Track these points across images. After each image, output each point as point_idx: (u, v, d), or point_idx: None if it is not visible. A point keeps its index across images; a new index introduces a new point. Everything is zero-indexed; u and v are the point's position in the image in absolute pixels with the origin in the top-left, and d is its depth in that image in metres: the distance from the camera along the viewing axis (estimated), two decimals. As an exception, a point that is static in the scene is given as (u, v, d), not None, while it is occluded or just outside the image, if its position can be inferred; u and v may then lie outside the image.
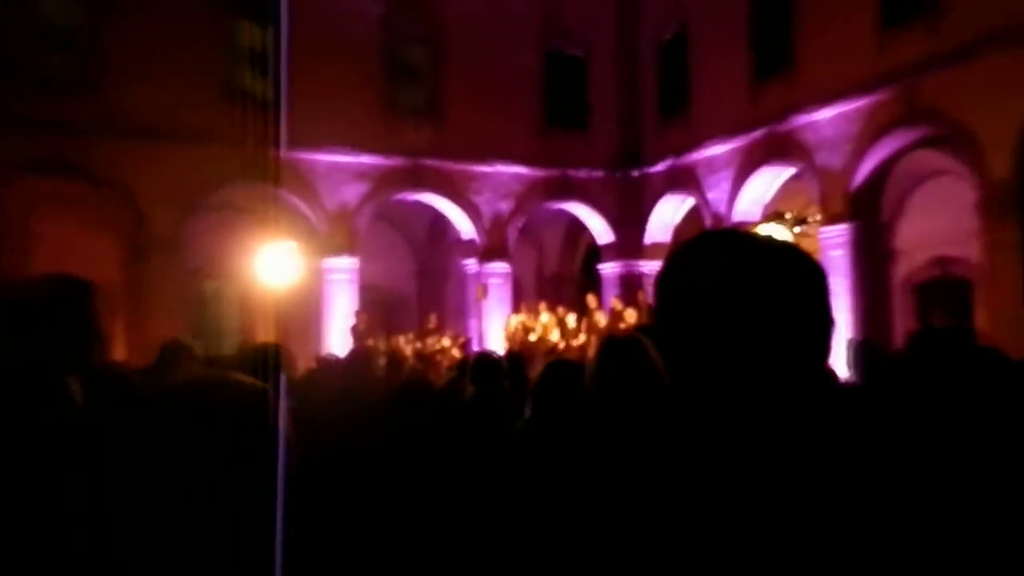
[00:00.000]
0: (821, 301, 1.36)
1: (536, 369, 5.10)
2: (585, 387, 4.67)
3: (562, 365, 4.38)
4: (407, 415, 4.66)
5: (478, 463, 4.12)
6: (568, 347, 17.24)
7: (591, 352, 14.79)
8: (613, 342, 3.67)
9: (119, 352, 16.65)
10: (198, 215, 19.51)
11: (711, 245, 1.43)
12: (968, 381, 3.20)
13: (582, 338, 17.70)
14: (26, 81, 16.04)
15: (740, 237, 1.44)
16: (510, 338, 18.59)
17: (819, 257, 17.42)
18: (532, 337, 18.17)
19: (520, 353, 11.34)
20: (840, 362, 10.58)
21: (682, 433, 1.40)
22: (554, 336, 18.05)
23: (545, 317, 18.68)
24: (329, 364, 10.34)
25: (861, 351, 7.26)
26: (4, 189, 12.45)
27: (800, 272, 1.37)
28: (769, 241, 1.43)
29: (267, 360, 4.27)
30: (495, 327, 20.54)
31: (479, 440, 4.29)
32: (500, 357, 6.38)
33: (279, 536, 1.56)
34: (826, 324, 1.36)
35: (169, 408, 1.65)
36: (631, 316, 17.39)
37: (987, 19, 14.32)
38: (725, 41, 20.15)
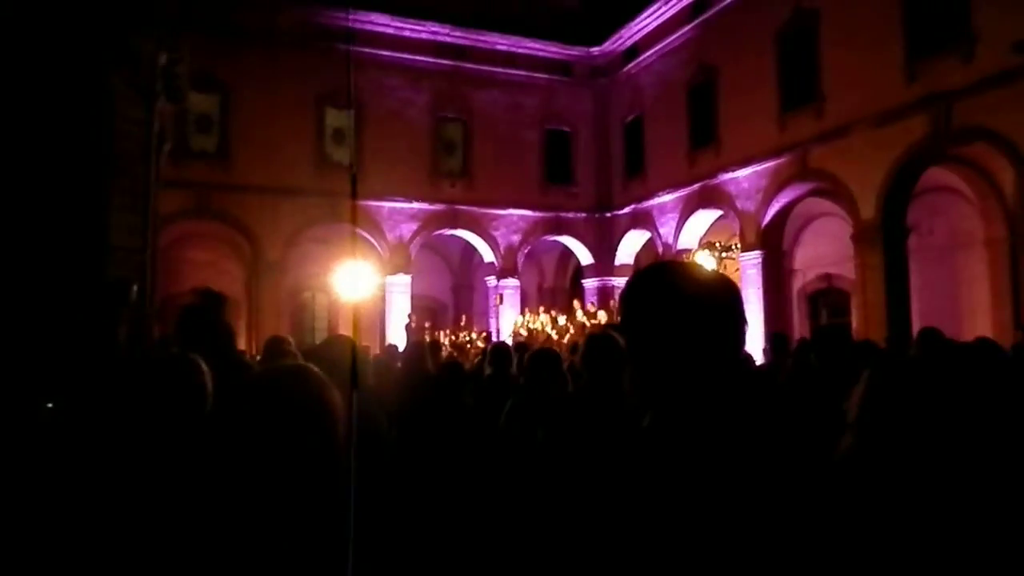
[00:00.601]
0: (736, 308, 1.37)
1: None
2: (573, 366, 4.67)
3: (542, 352, 4.50)
4: (447, 385, 4.66)
5: (494, 414, 4.19)
6: (560, 337, 17.15)
7: (576, 342, 14.77)
8: (595, 336, 3.68)
9: (240, 344, 16.67)
10: (297, 246, 19.57)
11: (659, 272, 1.43)
12: (852, 362, 3.20)
13: (570, 331, 17.61)
14: (180, 153, 16.13)
15: (679, 266, 1.44)
16: (516, 333, 18.56)
17: (739, 275, 17.45)
18: (531, 329, 18.16)
19: (524, 343, 11.31)
20: (757, 348, 10.53)
21: (644, 397, 1.37)
22: (548, 330, 17.96)
23: (543, 317, 18.63)
24: (392, 351, 10.34)
25: (775, 341, 7.24)
26: (165, 229, 12.55)
27: (721, 290, 1.37)
28: (698, 268, 1.45)
29: (347, 350, 4.24)
30: (508, 325, 20.51)
31: (495, 400, 4.35)
32: (508, 346, 6.47)
33: (352, 470, 1.49)
34: (740, 324, 1.37)
35: (253, 390, 1.61)
36: (602, 316, 17.42)
37: (857, 107, 14.34)
38: (669, 122, 20.17)
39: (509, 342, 14.31)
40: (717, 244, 18.38)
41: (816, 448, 1.34)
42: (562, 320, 18.31)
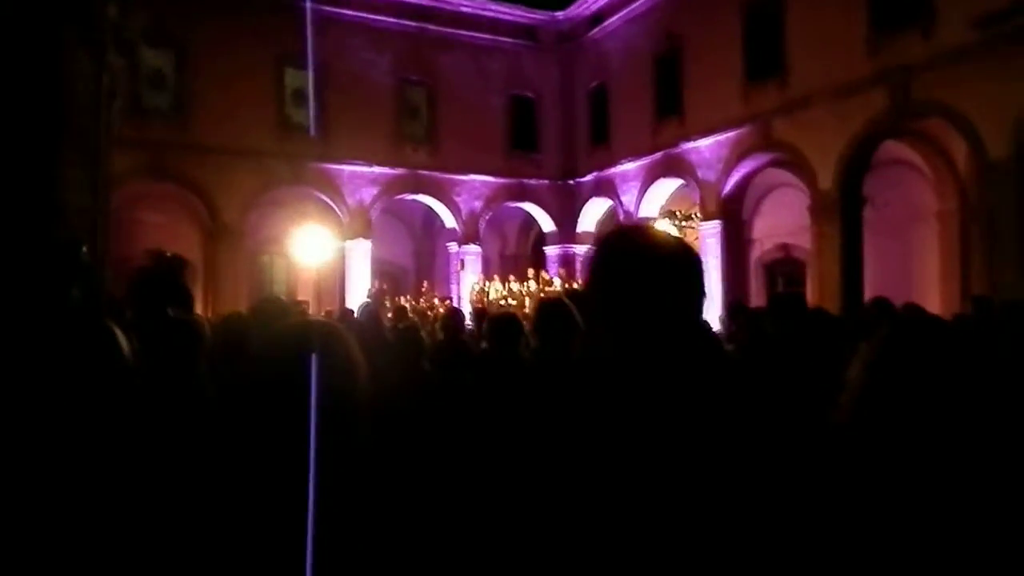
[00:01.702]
0: (697, 274, 1.39)
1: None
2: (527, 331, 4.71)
3: (502, 317, 4.50)
4: (404, 348, 4.65)
5: (449, 376, 4.20)
6: (518, 305, 17.15)
7: (529, 308, 14.83)
8: (546, 302, 3.69)
9: (198, 308, 16.41)
10: (256, 209, 19.24)
11: (626, 238, 1.44)
12: (806, 329, 3.28)
13: (524, 299, 17.64)
14: (134, 111, 15.66)
15: (645, 232, 1.45)
16: (473, 300, 18.58)
17: (699, 244, 17.63)
18: (489, 298, 18.19)
19: (482, 309, 11.36)
20: (715, 316, 10.64)
21: (599, 361, 1.38)
22: (504, 296, 18.01)
23: (496, 284, 18.65)
24: (349, 316, 10.23)
25: (733, 308, 7.36)
26: (118, 190, 12.18)
27: (683, 256, 1.39)
28: (663, 235, 1.46)
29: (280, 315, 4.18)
30: (469, 290, 20.50)
31: (447, 361, 4.37)
32: (461, 311, 6.53)
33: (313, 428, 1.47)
34: (701, 290, 1.39)
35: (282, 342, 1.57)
36: (556, 283, 17.54)
37: (819, 79, 14.47)
38: (634, 91, 20.14)
39: (467, 309, 14.38)
40: (678, 213, 18.53)
41: (779, 407, 1.36)
42: (517, 287, 18.33)
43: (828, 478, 1.22)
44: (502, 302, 17.61)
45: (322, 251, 19.24)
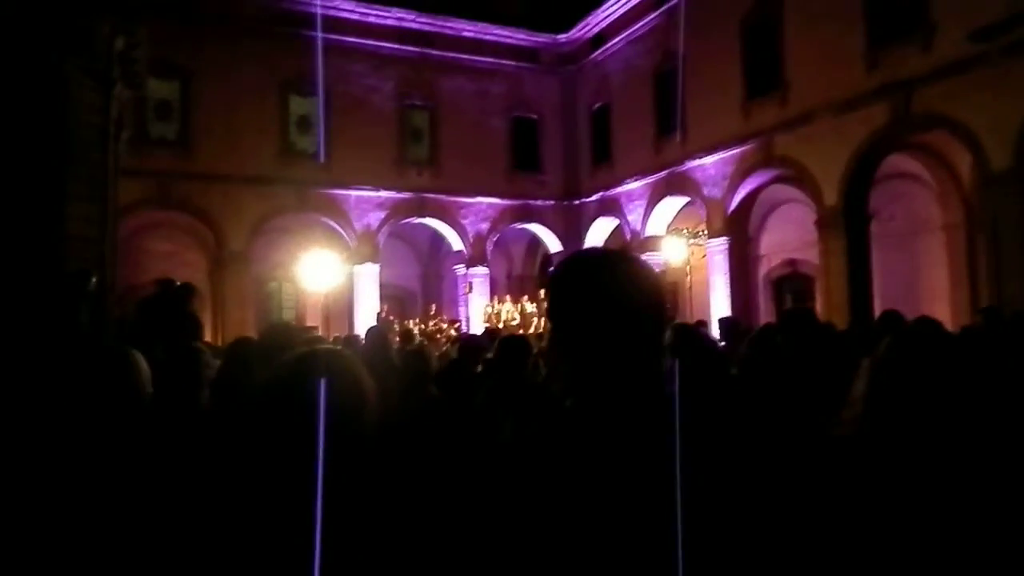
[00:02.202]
0: (656, 295, 1.33)
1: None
2: (536, 354, 4.68)
3: (511, 339, 4.48)
4: (411, 370, 4.64)
5: (458, 398, 4.18)
6: (527, 325, 17.10)
7: (543, 329, 14.77)
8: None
9: (206, 335, 16.45)
10: (263, 235, 19.35)
11: (584, 264, 1.39)
12: (814, 343, 3.28)
13: (536, 319, 17.57)
14: (140, 141, 15.81)
15: (604, 258, 1.40)
16: (486, 320, 18.52)
17: (706, 261, 17.63)
18: (501, 319, 18.10)
19: (495, 330, 11.33)
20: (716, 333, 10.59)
21: (569, 382, 1.34)
22: (515, 319, 17.92)
23: (508, 306, 18.62)
24: (356, 341, 10.25)
25: (726, 324, 7.37)
26: (125, 219, 12.28)
27: (647, 283, 1.34)
28: (624, 261, 1.39)
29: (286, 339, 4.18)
30: (477, 313, 20.48)
31: (457, 383, 4.34)
32: (478, 337, 6.48)
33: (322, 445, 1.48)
34: (662, 311, 1.34)
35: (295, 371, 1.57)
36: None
37: (820, 94, 14.50)
38: (636, 111, 20.23)
39: (482, 330, 14.34)
40: (685, 231, 18.52)
41: (781, 426, 1.35)
42: (531, 307, 18.27)
43: (829, 494, 1.22)
44: (512, 323, 17.54)
45: (330, 276, 19.31)
